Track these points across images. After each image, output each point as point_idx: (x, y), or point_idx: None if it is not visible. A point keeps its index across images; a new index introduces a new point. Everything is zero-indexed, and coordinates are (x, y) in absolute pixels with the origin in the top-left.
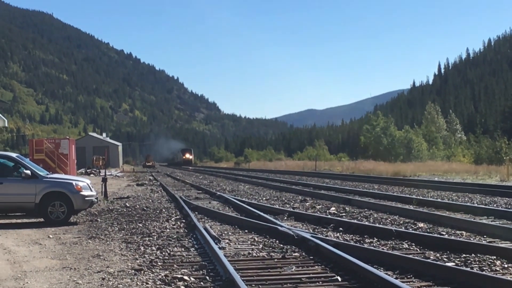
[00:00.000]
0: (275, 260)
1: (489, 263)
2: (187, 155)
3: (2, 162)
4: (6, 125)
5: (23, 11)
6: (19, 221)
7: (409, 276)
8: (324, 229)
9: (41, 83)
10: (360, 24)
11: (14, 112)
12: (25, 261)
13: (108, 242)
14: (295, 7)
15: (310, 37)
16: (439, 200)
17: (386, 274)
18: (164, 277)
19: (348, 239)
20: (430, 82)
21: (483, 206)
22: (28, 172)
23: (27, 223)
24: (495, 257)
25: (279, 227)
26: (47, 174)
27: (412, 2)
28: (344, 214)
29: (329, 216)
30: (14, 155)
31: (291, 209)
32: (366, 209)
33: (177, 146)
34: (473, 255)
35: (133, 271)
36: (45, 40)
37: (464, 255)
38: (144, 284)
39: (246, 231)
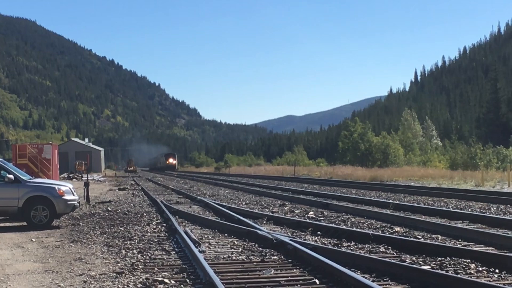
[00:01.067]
0: (254, 263)
1: (463, 266)
2: (171, 160)
3: None
4: None
5: (7, 18)
6: (2, 225)
7: (385, 279)
8: (303, 233)
9: (25, 89)
10: (337, 31)
11: None
12: (8, 264)
13: (90, 246)
14: (275, 10)
15: (287, 42)
16: (415, 204)
17: (363, 277)
18: (145, 280)
19: (326, 242)
20: (407, 89)
21: (458, 211)
22: (11, 176)
23: (10, 227)
24: (469, 260)
25: (258, 231)
26: (30, 179)
27: (387, 10)
28: (322, 218)
29: (308, 220)
30: None
31: (270, 213)
32: (344, 214)
33: (160, 150)
34: (448, 258)
35: (114, 274)
36: (29, 47)
37: (439, 258)
38: (126, 286)
39: (226, 235)
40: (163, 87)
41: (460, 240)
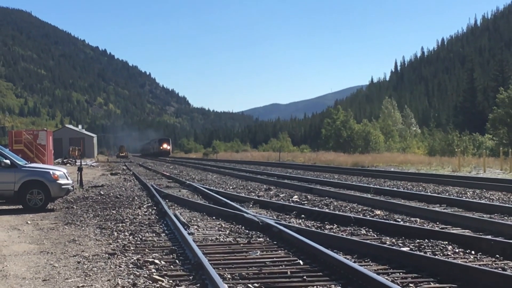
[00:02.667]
0: (241, 245)
1: (441, 248)
2: (165, 145)
3: None
4: None
5: (3, 9)
6: None
7: (366, 260)
8: (287, 216)
9: (20, 77)
10: (320, 22)
11: None
12: (5, 245)
13: (83, 228)
14: (262, 2)
15: (273, 34)
16: (395, 189)
17: (345, 258)
18: (136, 260)
19: (309, 225)
20: (387, 78)
21: (436, 195)
22: (8, 161)
23: (7, 210)
24: (447, 242)
25: (245, 214)
26: (26, 164)
27: (369, 2)
28: (306, 202)
29: (292, 204)
30: None
31: (256, 197)
32: (326, 197)
33: (151, 136)
34: (426, 240)
35: (107, 255)
36: (24, 37)
37: (418, 240)
38: (118, 267)
39: (214, 217)
40: (154, 76)
41: (437, 223)
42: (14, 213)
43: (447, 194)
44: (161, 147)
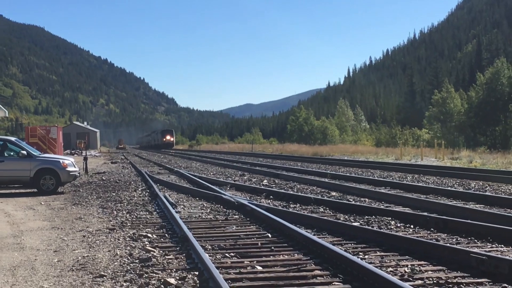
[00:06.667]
0: (220, 221)
1: (385, 223)
2: (168, 137)
3: (2, 144)
4: (7, 115)
5: (20, 25)
6: (17, 191)
7: (323, 233)
8: (258, 197)
9: (35, 82)
10: (286, 34)
11: (13, 105)
12: (22, 222)
13: (88, 208)
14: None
15: (244, 48)
16: (347, 174)
17: (306, 231)
18: (132, 234)
19: (277, 204)
20: (342, 82)
21: (381, 179)
22: (25, 152)
23: (24, 193)
24: (390, 218)
25: (223, 196)
26: (40, 154)
27: (325, 15)
28: (274, 185)
29: (262, 187)
30: (13, 139)
31: (233, 182)
32: (291, 181)
33: (149, 130)
34: (373, 216)
35: (107, 230)
36: (38, 48)
37: (367, 216)
38: (117, 240)
39: (197, 198)
40: (147, 81)
41: (383, 202)
42: (30, 195)
43: (391, 178)
44: (164, 139)
